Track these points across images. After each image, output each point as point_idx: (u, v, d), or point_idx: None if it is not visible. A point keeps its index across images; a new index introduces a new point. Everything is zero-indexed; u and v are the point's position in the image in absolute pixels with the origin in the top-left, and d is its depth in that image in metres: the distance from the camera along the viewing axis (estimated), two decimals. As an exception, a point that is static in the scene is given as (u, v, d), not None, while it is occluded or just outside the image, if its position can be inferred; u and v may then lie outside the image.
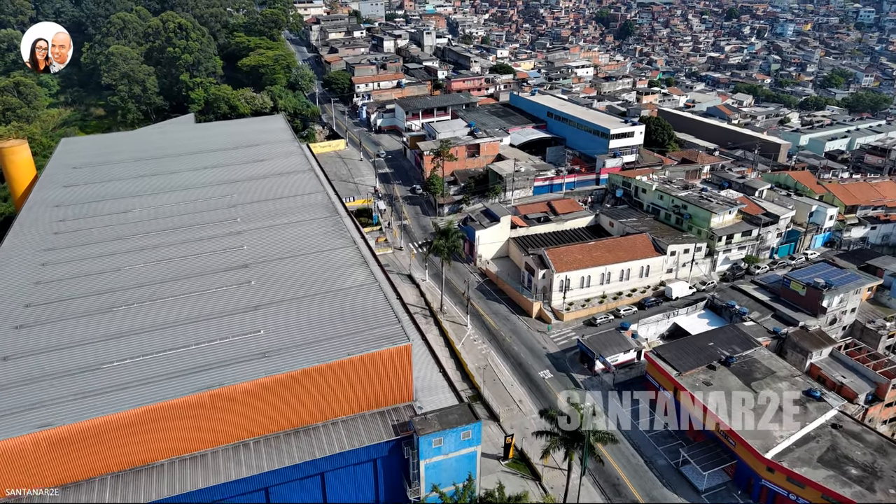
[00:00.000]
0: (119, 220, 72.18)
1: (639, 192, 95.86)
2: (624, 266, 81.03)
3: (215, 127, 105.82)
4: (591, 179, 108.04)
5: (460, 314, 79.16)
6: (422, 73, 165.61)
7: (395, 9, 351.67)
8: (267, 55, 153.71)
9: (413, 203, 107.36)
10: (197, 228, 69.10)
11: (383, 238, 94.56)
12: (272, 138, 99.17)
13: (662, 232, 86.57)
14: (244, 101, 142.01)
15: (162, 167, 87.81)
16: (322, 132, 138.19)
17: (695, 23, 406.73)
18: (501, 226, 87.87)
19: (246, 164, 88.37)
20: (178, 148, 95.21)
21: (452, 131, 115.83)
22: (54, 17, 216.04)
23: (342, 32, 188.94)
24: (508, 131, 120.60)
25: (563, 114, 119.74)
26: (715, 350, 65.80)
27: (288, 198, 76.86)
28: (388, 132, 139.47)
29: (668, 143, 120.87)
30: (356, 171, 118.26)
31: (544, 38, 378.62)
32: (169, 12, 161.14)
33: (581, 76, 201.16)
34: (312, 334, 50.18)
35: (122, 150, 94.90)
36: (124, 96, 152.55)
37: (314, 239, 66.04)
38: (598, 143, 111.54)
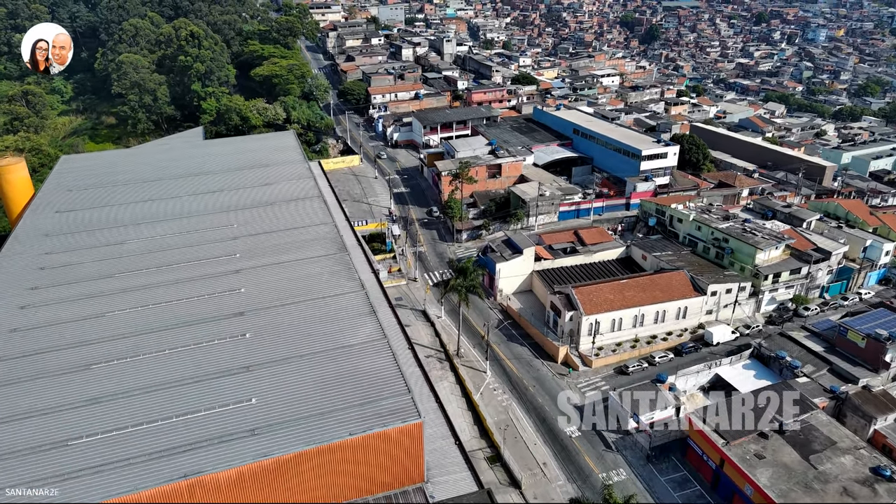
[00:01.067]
0: (110, 253, 66.62)
1: (674, 222, 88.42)
2: (659, 307, 73.74)
3: (222, 144, 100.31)
4: (620, 204, 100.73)
5: (479, 358, 72.45)
6: (441, 83, 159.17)
7: (414, 13, 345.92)
8: (281, 64, 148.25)
9: (429, 227, 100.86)
10: (193, 265, 63.24)
11: (396, 268, 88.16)
12: (281, 158, 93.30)
13: (701, 268, 79.07)
14: (256, 113, 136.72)
15: (162, 191, 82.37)
16: (336, 146, 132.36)
17: (723, 27, 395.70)
18: (524, 258, 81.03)
19: (251, 189, 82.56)
20: (180, 169, 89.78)
21: (472, 150, 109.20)
22: (69, 21, 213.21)
23: (359, 40, 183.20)
24: (532, 149, 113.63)
25: (590, 131, 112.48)
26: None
27: (294, 229, 70.77)
28: (405, 147, 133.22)
29: (703, 163, 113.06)
30: (370, 191, 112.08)
31: (567, 42, 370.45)
32: (182, 19, 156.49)
33: (607, 86, 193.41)
34: (311, 405, 43.86)
35: (122, 171, 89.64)
36: (134, 106, 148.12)
37: (319, 281, 59.79)
38: (629, 165, 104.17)
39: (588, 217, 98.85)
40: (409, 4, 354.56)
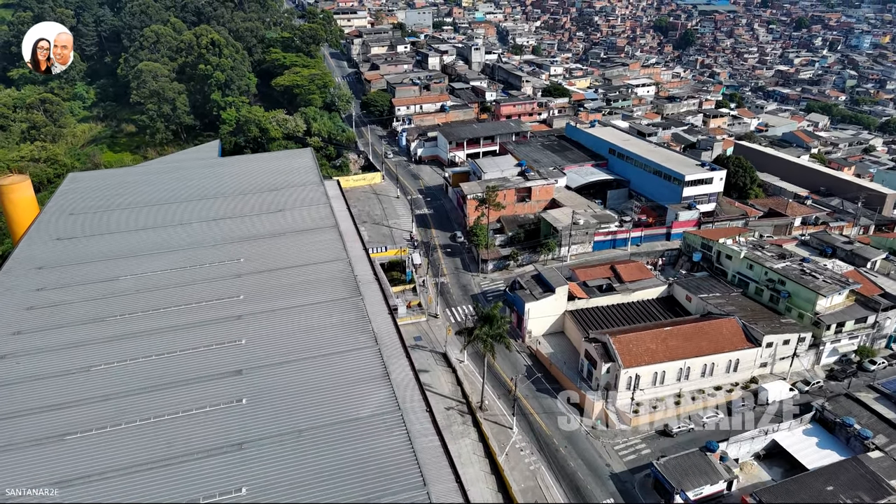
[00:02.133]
0: (104, 291, 61.24)
1: (722, 258, 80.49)
2: (707, 360, 66.07)
3: (237, 163, 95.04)
4: (660, 234, 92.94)
5: (505, 411, 65.58)
6: (468, 94, 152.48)
7: (443, 16, 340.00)
8: (302, 74, 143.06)
9: (453, 254, 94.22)
10: (192, 309, 57.47)
11: (416, 301, 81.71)
12: (297, 180, 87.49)
13: (754, 314, 71.10)
14: (276, 125, 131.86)
15: (168, 216, 77.09)
16: (357, 162, 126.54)
17: (761, 32, 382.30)
18: (556, 298, 73.93)
19: (263, 216, 76.82)
20: (190, 191, 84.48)
21: (500, 171, 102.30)
22: (94, 25, 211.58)
23: (385, 47, 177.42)
24: (564, 170, 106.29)
25: (627, 152, 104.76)
26: (835, 498, 50.65)
27: (305, 266, 64.69)
28: (430, 163, 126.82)
29: (751, 187, 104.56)
30: (391, 212, 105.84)
31: (599, 47, 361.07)
32: (203, 26, 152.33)
33: (642, 96, 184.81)
34: (308, 497, 37.59)
35: (129, 192, 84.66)
36: (153, 115, 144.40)
37: (328, 333, 53.49)
38: (670, 190, 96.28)
39: (625, 248, 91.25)
40: (438, 8, 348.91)
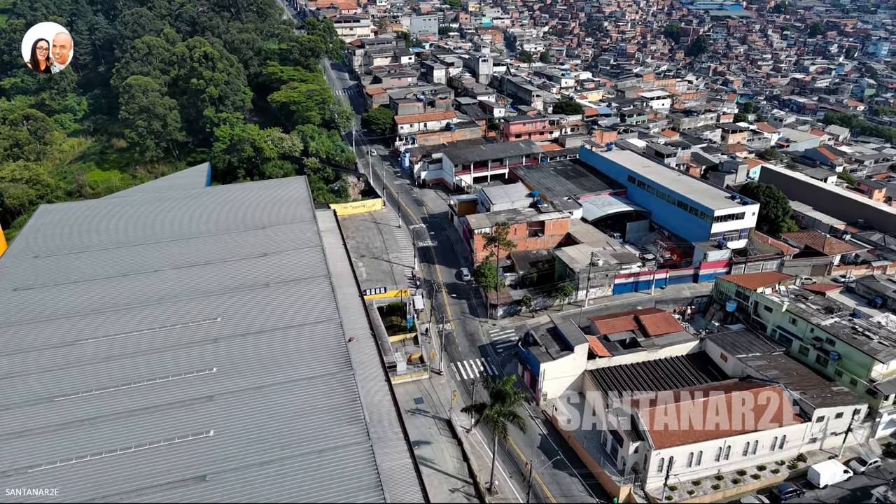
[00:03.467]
0: (60, 359, 53.39)
1: (759, 308, 72.12)
2: (750, 437, 57.76)
3: (222, 194, 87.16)
4: (687, 276, 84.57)
5: (518, 495, 57.38)
6: (475, 110, 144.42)
7: (449, 22, 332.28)
8: (300, 89, 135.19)
9: (459, 295, 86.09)
10: (156, 388, 49.52)
11: (417, 355, 73.59)
12: (287, 215, 79.56)
13: (801, 380, 62.71)
14: (271, 144, 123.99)
15: (143, 260, 69.20)
16: (356, 186, 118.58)
17: (775, 39, 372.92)
18: (575, 357, 65.73)
19: (246, 261, 68.87)
20: (168, 228, 76.69)
21: (510, 201, 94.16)
22: (88, 33, 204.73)
23: (388, 58, 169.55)
24: (579, 199, 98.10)
25: (648, 180, 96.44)
26: None
27: (291, 328, 56.64)
28: (434, 186, 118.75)
29: (783, 219, 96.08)
30: (392, 244, 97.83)
31: (608, 53, 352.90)
32: (196, 38, 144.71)
33: (657, 110, 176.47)
34: None
35: (102, 229, 76.92)
36: (143, 132, 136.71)
37: (311, 423, 45.37)
38: (696, 225, 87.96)
39: (648, 291, 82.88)
40: (444, 13, 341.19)
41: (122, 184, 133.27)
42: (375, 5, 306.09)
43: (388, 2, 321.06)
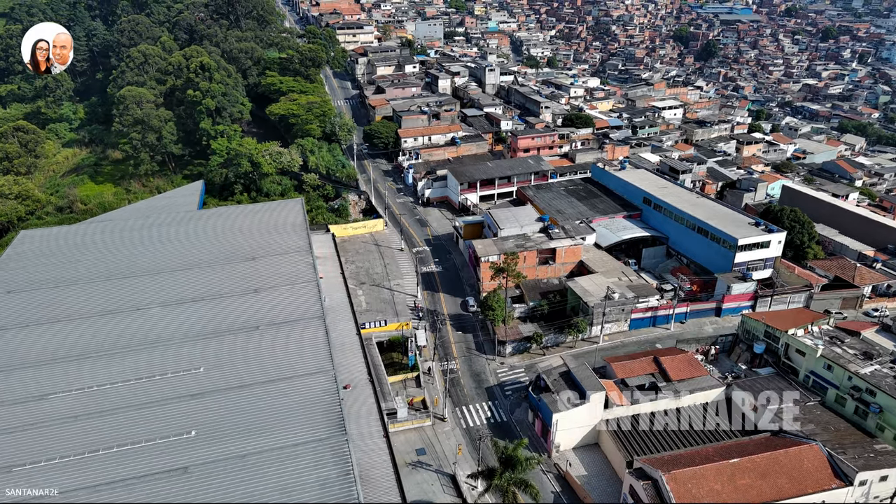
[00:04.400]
0: (25, 418, 48.46)
1: (790, 350, 66.65)
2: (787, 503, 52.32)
3: (213, 219, 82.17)
4: (709, 310, 79.08)
5: (528, 565, 52.07)
6: (482, 122, 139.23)
7: (454, 26, 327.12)
8: (299, 101, 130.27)
9: (464, 328, 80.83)
10: (128, 456, 44.47)
11: (419, 398, 68.34)
12: (281, 245, 74.54)
13: (839, 436, 57.25)
14: (269, 159, 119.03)
15: (125, 297, 64.30)
16: (357, 204, 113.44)
17: (786, 44, 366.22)
18: (590, 406, 60.40)
19: (236, 298, 63.91)
20: (154, 259, 71.78)
21: (519, 226, 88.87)
22: (86, 39, 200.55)
23: (391, 67, 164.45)
24: (592, 223, 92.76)
25: (665, 204, 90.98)
26: None
27: (280, 381, 51.56)
28: (439, 205, 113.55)
29: (809, 245, 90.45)
30: (394, 269, 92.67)
31: (616, 58, 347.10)
32: (193, 47, 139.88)
33: (669, 120, 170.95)
34: None
35: (84, 259, 72.13)
36: (137, 145, 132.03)
37: (299, 497, 40.38)
38: (718, 254, 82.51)
39: (667, 326, 77.45)
40: (449, 17, 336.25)
41: (115, 199, 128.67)
42: (380, 10, 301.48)
43: (393, 6, 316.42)
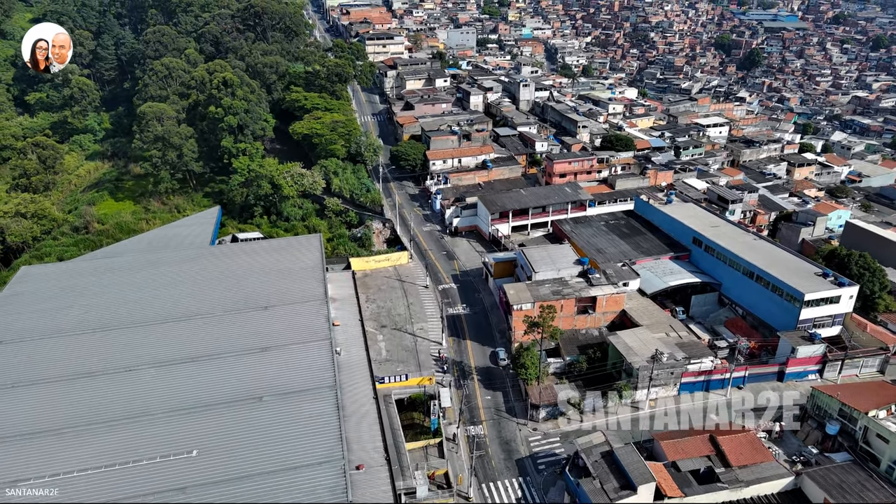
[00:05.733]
0: (-8, 511, 42.90)
1: (869, 433, 57.76)
2: None
3: (226, 257, 76.36)
4: (770, 373, 70.32)
5: None
6: (515, 142, 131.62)
7: (487, 33, 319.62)
8: (323, 120, 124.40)
9: (493, 383, 73.37)
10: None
11: (442, 471, 61.11)
12: (295, 292, 68.13)
13: (937, 551, 48.40)
14: (290, 180, 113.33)
15: (118, 353, 58.48)
16: (381, 233, 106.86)
17: (834, 53, 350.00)
18: (639, 497, 52.48)
19: (241, 358, 57.65)
20: (155, 305, 66.03)
21: (556, 269, 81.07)
22: (114, 48, 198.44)
23: (421, 80, 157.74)
24: (635, 264, 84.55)
25: (718, 246, 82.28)
26: None
27: (281, 473, 44.91)
28: (467, 234, 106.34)
29: (880, 295, 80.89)
30: (417, 310, 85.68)
31: (654, 66, 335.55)
32: (217, 61, 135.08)
33: (713, 138, 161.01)
34: None
35: (82, 304, 66.78)
36: (157, 162, 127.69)
37: None
38: (780, 308, 73.66)
39: (723, 391, 68.90)
40: (482, 24, 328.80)
41: (133, 219, 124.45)
42: (412, 16, 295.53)
43: (425, 12, 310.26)
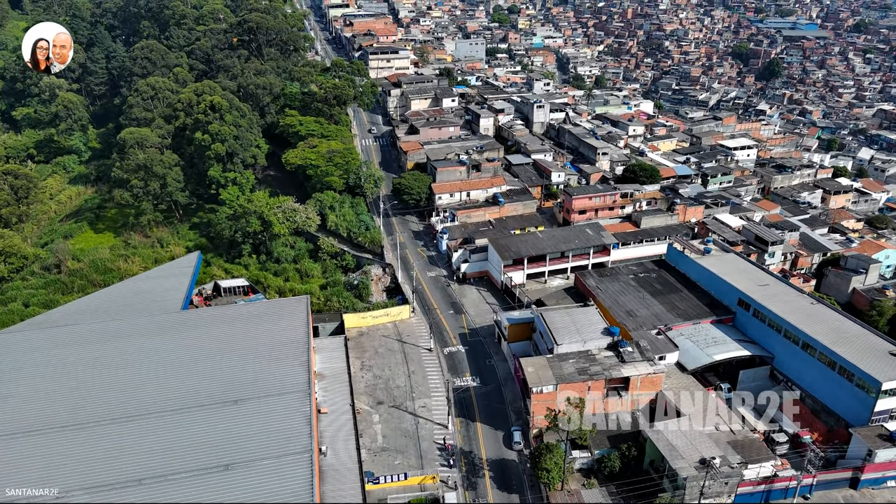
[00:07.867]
0: None
1: (981, 581, 46.23)
2: None
3: (200, 326, 65.58)
4: (842, 480, 58.80)
5: None
6: (529, 172, 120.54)
7: (497, 42, 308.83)
8: (319, 149, 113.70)
9: (507, 480, 62.10)
10: None
11: None
12: (274, 378, 57.15)
13: None
14: (281, 216, 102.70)
15: (48, 466, 47.84)
16: (381, 280, 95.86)
17: (857, 63, 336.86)
18: None
19: (200, 478, 46.82)
20: (108, 397, 55.26)
21: (581, 339, 69.73)
22: (104, 61, 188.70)
23: (427, 100, 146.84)
24: (671, 329, 73.27)
25: (769, 312, 70.66)
26: None
27: None
28: (476, 281, 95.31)
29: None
30: (420, 381, 74.64)
31: (669, 76, 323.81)
32: (206, 82, 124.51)
33: (741, 162, 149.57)
34: None
35: (23, 392, 56.19)
36: (138, 193, 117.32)
37: None
38: (849, 395, 62.18)
39: (784, 501, 57.52)
40: (492, 33, 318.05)
41: (112, 255, 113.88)
42: (419, 25, 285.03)
43: (433, 21, 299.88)
